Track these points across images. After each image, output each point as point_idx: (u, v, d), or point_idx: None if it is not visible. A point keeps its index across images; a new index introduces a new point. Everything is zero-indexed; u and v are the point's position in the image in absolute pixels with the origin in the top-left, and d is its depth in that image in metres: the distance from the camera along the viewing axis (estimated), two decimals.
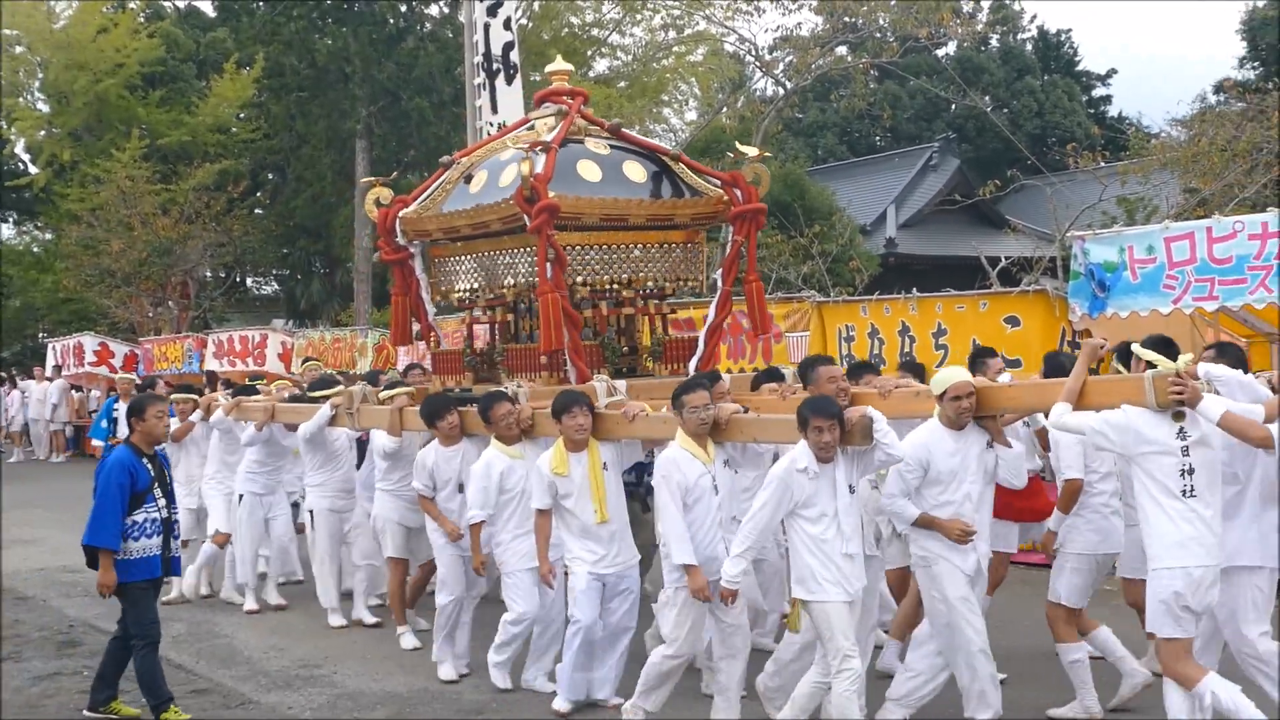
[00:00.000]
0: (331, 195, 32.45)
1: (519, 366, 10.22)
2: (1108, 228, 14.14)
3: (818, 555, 7.00)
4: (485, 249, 10.41)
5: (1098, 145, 26.41)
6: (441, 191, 10.68)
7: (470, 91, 20.57)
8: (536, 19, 30.85)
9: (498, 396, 8.96)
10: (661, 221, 10.30)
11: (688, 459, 7.66)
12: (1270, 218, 10.48)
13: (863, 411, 7.09)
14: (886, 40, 28.74)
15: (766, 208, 10.62)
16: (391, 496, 10.31)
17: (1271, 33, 26.06)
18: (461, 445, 9.52)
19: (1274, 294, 10.36)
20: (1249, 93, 21.54)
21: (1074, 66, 47.19)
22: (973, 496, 7.33)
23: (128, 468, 8.26)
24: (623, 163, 10.35)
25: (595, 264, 10.11)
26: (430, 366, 11.58)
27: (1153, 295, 11.13)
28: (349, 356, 22.01)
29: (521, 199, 9.43)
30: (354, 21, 29.66)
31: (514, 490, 8.79)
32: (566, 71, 11.27)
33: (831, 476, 7.06)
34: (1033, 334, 12.45)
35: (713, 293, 11.11)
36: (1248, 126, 19.21)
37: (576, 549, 8.28)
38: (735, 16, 28.45)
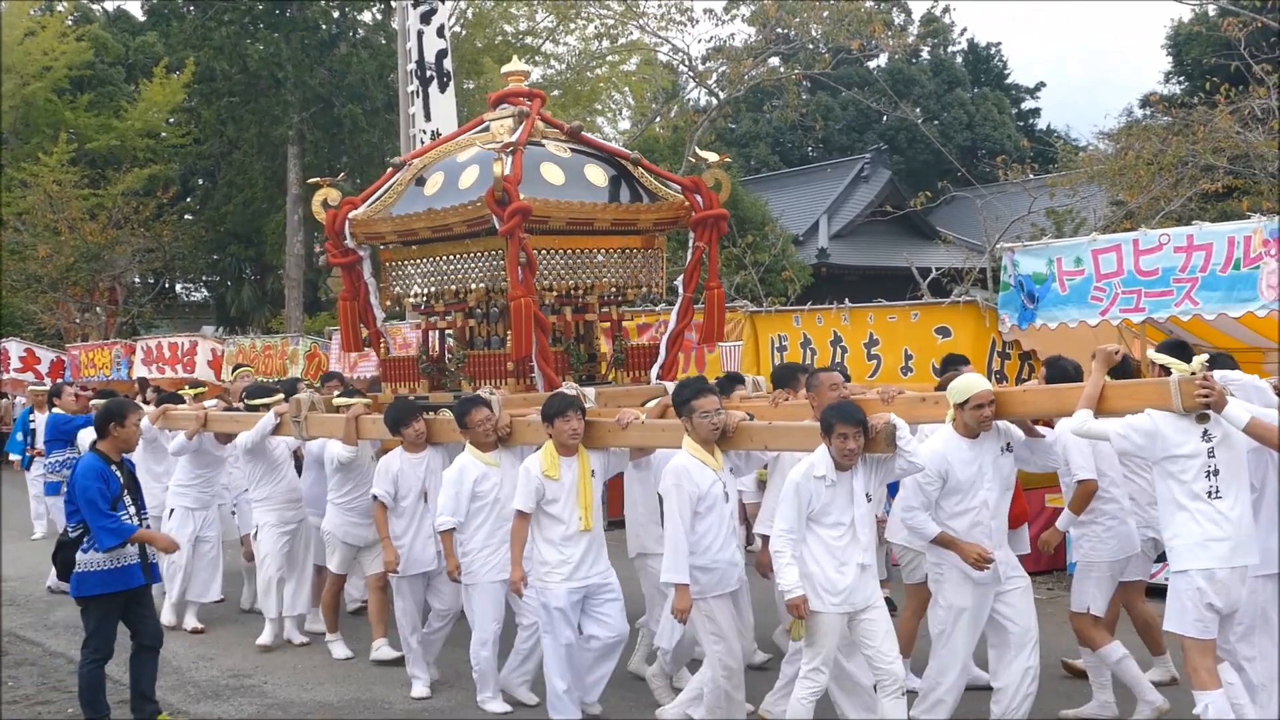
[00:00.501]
0: (263, 201, 32.21)
1: (481, 373, 9.90)
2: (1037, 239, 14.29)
3: (829, 565, 6.90)
4: (444, 252, 10.10)
5: (1027, 158, 26.76)
6: (392, 194, 10.39)
7: (403, 98, 20.50)
8: (470, 26, 30.80)
9: (475, 402, 8.67)
10: (624, 226, 10.15)
11: (698, 466, 7.42)
12: (1195, 231, 10.64)
13: (886, 418, 6.93)
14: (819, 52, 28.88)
15: (729, 214, 10.46)
16: (341, 511, 10.08)
17: (1196, 48, 26.46)
18: (426, 453, 9.30)
19: (1199, 306, 10.51)
20: (1174, 107, 21.83)
21: (1003, 79, 47.76)
22: (990, 503, 7.27)
23: (99, 473, 8.08)
24: (584, 166, 10.14)
25: (560, 269, 9.89)
26: (380, 373, 11.17)
27: (1081, 307, 11.26)
28: (280, 364, 21.82)
29: (493, 200, 9.16)
30: (286, 27, 29.46)
31: (487, 498, 8.51)
32: (524, 73, 10.99)
33: (849, 485, 6.95)
34: (963, 344, 12.54)
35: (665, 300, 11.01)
36: (1173, 140, 19.46)
37: (554, 559, 7.93)
38: (669, 26, 28.46)
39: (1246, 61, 18.63)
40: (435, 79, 19.76)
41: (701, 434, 7.46)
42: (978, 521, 7.25)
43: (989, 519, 7.28)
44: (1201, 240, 10.50)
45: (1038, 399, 7.43)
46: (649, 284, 10.46)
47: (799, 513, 6.93)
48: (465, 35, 30.10)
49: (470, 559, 8.52)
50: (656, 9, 29.10)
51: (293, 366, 21.64)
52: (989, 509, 7.27)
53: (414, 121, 19.98)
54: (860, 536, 6.95)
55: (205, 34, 30.16)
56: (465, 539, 8.52)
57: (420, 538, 9.21)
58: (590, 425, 8.17)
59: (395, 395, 10.30)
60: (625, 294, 10.50)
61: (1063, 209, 21.42)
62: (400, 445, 9.31)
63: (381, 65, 28.40)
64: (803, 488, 6.91)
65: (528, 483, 7.96)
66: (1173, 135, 19.71)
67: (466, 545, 8.53)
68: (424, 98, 19.74)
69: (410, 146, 20.10)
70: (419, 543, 9.21)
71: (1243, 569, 6.63)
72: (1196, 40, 26.42)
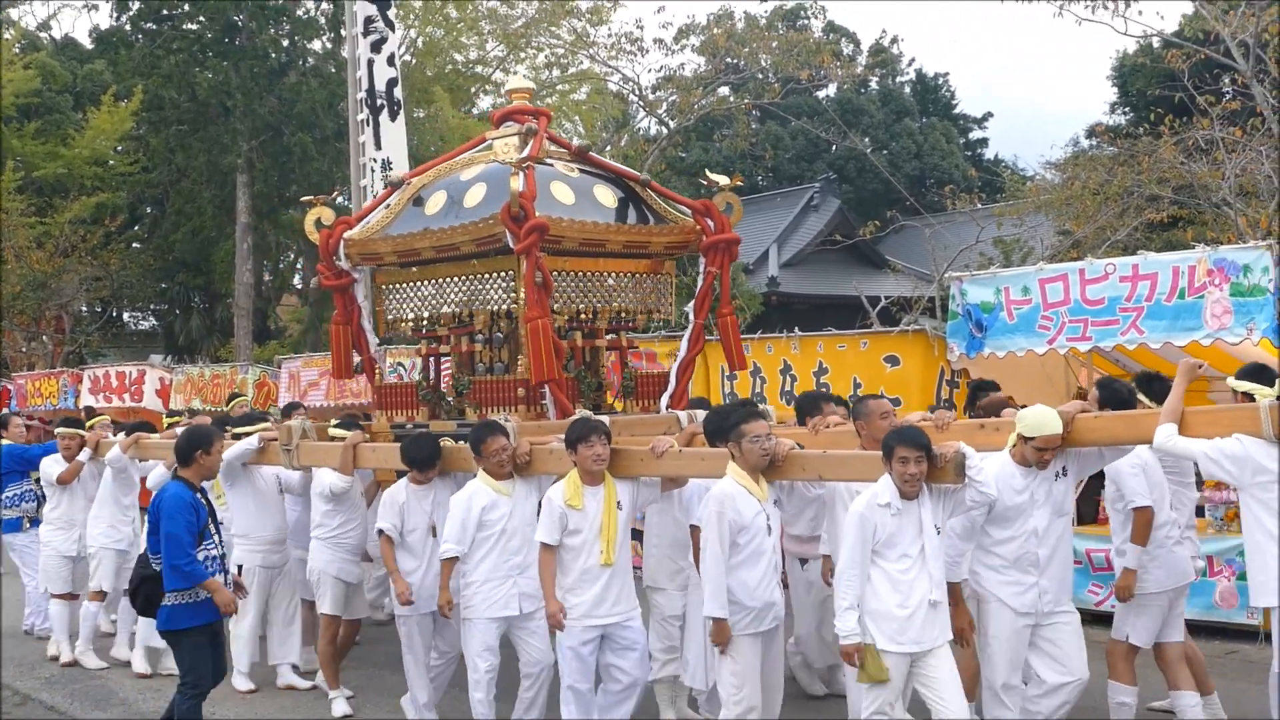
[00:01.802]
0: (212, 229, 32.00)
1: (489, 400, 9.39)
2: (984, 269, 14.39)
3: (892, 600, 6.55)
4: (448, 274, 9.64)
5: (975, 187, 26.95)
6: (388, 214, 9.95)
7: (353, 127, 20.43)
8: (420, 55, 30.77)
9: (492, 429, 8.17)
10: (635, 249, 9.79)
11: (743, 494, 7.08)
12: (1140, 261, 10.76)
13: (955, 447, 6.60)
14: (768, 81, 29.08)
15: (740, 238, 10.13)
16: (329, 546, 9.54)
17: (1141, 79, 26.79)
18: (434, 484, 8.73)
19: (1144, 335, 10.61)
20: (1120, 138, 22.09)
21: (951, 109, 48.17)
22: (1039, 531, 7.01)
23: (189, 504, 7.79)
24: (593, 186, 9.78)
25: (570, 291, 9.47)
26: (374, 400, 10.56)
27: (1028, 336, 11.35)
28: (228, 393, 21.65)
29: (508, 217, 8.74)
30: (235, 55, 29.34)
31: (495, 528, 7.99)
32: (528, 90, 10.64)
33: (916, 515, 6.60)
34: (912, 373, 12.61)
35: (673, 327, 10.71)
36: (1119, 170, 19.70)
37: (569, 600, 7.49)
38: (619, 56, 28.62)
39: (1190, 93, 18.89)
40: (386, 107, 19.73)
41: (752, 460, 7.12)
42: (1025, 550, 7.03)
43: (1036, 547, 7.03)
44: (1146, 270, 10.62)
45: (1111, 425, 7.11)
46: (659, 309, 10.12)
47: (864, 546, 6.59)
48: (415, 64, 30.07)
49: (471, 591, 8.03)
50: (607, 39, 29.30)
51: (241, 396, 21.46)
52: (1038, 537, 7.03)
53: (364, 150, 19.93)
54: (933, 571, 6.59)
55: (154, 62, 29.98)
56: (468, 570, 8.04)
57: (430, 574, 8.58)
58: (621, 454, 7.79)
59: (391, 424, 9.89)
60: (634, 319, 10.16)
61: (1010, 238, 21.63)
62: (407, 476, 8.79)
63: (331, 94, 28.32)
64: (867, 518, 6.58)
65: (550, 513, 7.55)
66: (1118, 165, 19.96)
67: (469, 577, 8.03)
68: (374, 126, 19.70)
69: (360, 175, 20.06)
70: (429, 579, 8.57)
71: None
72: (1141, 72, 26.75)
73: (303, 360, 21.12)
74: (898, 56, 46.29)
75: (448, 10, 30.53)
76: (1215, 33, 18.02)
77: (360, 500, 9.69)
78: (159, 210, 35.12)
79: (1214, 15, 17.91)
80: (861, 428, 7.66)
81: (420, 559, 8.65)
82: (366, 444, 9.42)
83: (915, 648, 6.57)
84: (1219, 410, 6.93)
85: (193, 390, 22.34)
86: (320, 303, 30.81)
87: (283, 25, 30.33)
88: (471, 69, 32.53)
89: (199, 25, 30.34)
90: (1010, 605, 7.04)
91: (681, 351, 10.23)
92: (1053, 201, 21.23)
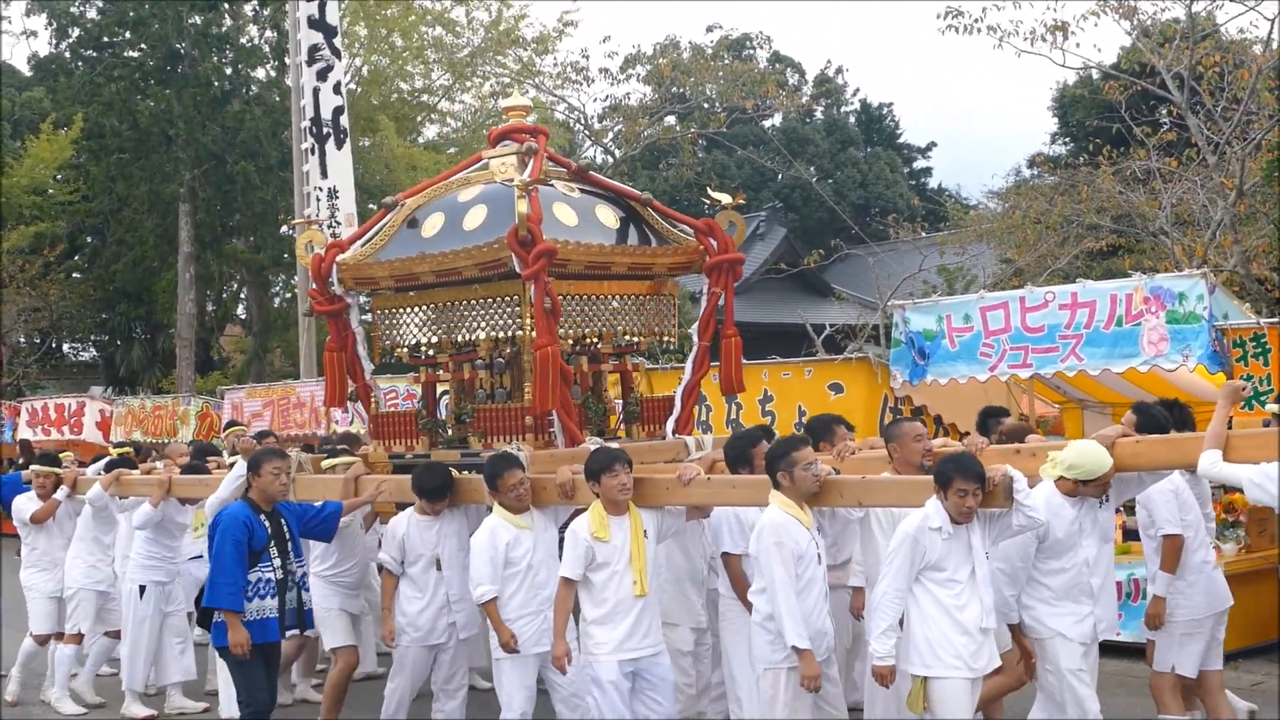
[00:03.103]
0: (154, 259, 31.71)
1: (493, 429, 9.03)
2: (927, 297, 14.51)
3: (945, 625, 6.46)
4: (449, 298, 9.25)
5: (918, 216, 27.17)
6: (382, 237, 9.53)
7: (297, 155, 20.41)
8: (365, 84, 30.72)
9: (510, 462, 7.90)
10: (640, 271, 9.46)
11: (795, 524, 6.88)
12: (1079, 288, 10.88)
13: (1004, 471, 6.47)
14: (714, 111, 29.31)
15: (744, 258, 9.88)
16: (328, 583, 9.21)
17: (1080, 110, 27.12)
18: (442, 516, 8.46)
19: (1084, 362, 10.73)
20: (1060, 168, 22.38)
21: (895, 139, 48.55)
22: (1090, 560, 6.91)
23: (244, 523, 7.78)
24: (594, 207, 9.43)
25: (576, 316, 9.10)
26: (369, 430, 10.14)
27: (970, 363, 11.45)
28: (170, 425, 21.48)
29: (515, 241, 8.42)
30: (177, 83, 29.15)
31: (520, 564, 7.75)
32: (525, 108, 10.29)
33: (966, 539, 6.49)
34: (856, 400, 12.67)
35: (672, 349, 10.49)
36: (1059, 200, 19.96)
37: (601, 634, 7.27)
38: (565, 85, 28.77)
39: (1127, 124, 19.17)
40: (332, 136, 19.73)
41: (805, 488, 6.93)
42: (1077, 580, 6.92)
43: (1089, 577, 6.93)
44: (1085, 298, 10.75)
45: (1154, 450, 6.98)
46: (662, 332, 9.76)
47: (911, 569, 6.50)
48: (361, 92, 30.01)
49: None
50: (553, 68, 29.41)
51: (183, 427, 21.31)
52: (1089, 566, 6.92)
53: (309, 179, 19.90)
54: (984, 597, 6.51)
55: (94, 90, 29.74)
56: (499, 606, 7.76)
57: (432, 609, 8.38)
58: (646, 482, 7.61)
59: (390, 454, 9.52)
60: (638, 342, 9.85)
61: (953, 266, 21.82)
62: (411, 507, 8.54)
63: (275, 122, 28.18)
64: (919, 541, 6.47)
65: (575, 546, 7.32)
66: (1058, 195, 20.23)
67: (500, 615, 7.75)
68: (320, 155, 19.69)
69: (305, 204, 20.00)
70: (429, 614, 8.38)
71: None
72: (1080, 103, 27.09)
73: (246, 391, 21.00)
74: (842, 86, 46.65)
75: (393, 39, 30.52)
76: (1151, 65, 18.29)
77: (359, 534, 9.39)
78: (99, 240, 34.78)
79: (1150, 48, 18.19)
80: (895, 450, 7.49)
81: (424, 592, 8.41)
82: (370, 476, 9.07)
83: (972, 673, 6.51)
84: (1268, 433, 6.81)
85: (134, 422, 22.18)
86: (264, 333, 30.62)
87: (226, 53, 30.17)
88: (417, 98, 32.51)
89: (140, 53, 30.18)
90: (1070, 637, 6.92)
91: (686, 375, 9.93)
92: (994, 230, 21.47)
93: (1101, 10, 17.94)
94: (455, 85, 32.07)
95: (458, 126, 33.38)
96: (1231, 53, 18.19)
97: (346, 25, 27.66)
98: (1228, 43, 18.68)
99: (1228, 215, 16.67)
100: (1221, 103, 17.74)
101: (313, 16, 19.93)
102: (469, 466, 8.65)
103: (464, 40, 30.85)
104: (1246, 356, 10.11)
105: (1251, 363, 10.08)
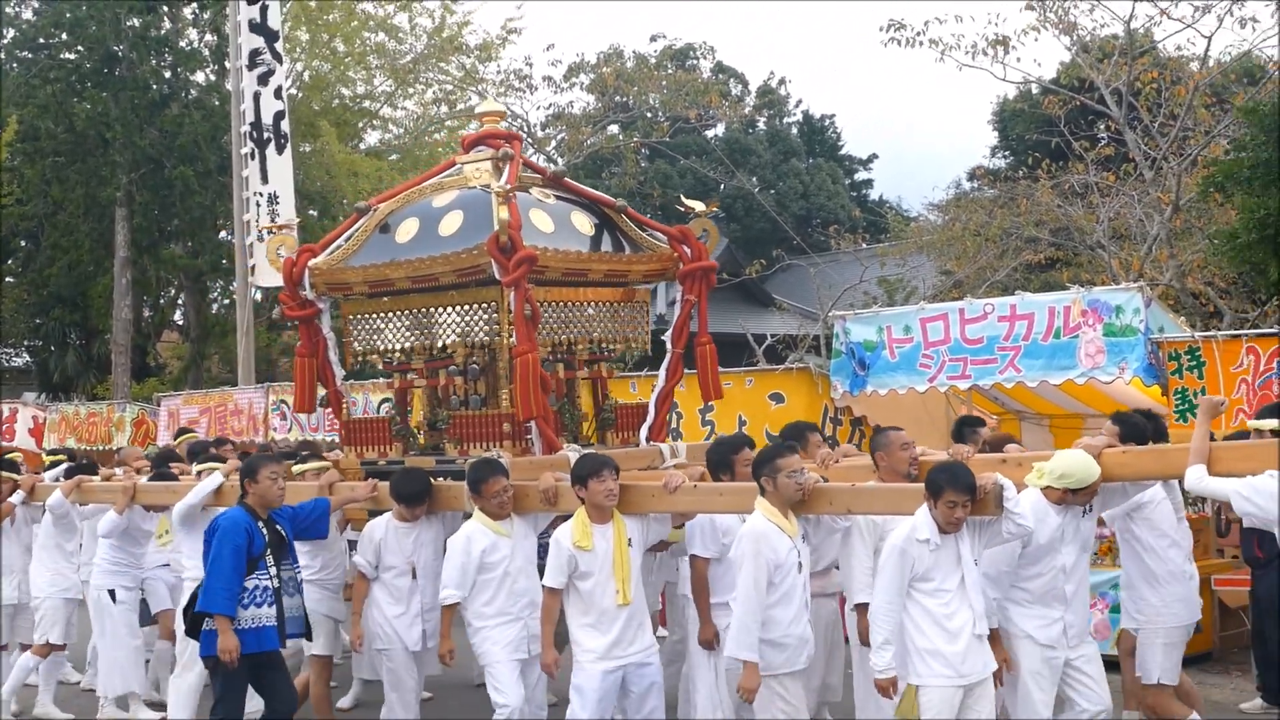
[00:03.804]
0: (89, 264, 31.30)
1: (470, 435, 9.05)
2: (868, 307, 14.56)
3: (935, 634, 6.56)
4: (424, 304, 9.25)
5: (859, 227, 27.32)
6: (354, 242, 9.53)
7: (237, 160, 20.23)
8: (306, 89, 30.47)
9: (494, 468, 7.98)
10: (615, 278, 9.55)
11: (776, 533, 6.97)
12: (1018, 301, 10.96)
13: (994, 479, 6.53)
14: (657, 120, 29.30)
15: (718, 265, 9.94)
16: (316, 588, 9.08)
17: (1020, 124, 27.36)
18: (420, 523, 8.51)
19: (1022, 374, 10.80)
20: (999, 180, 22.59)
21: (837, 151, 48.70)
22: (1066, 567, 7.02)
23: (244, 528, 7.69)
24: (570, 213, 9.51)
25: (553, 322, 9.12)
26: (340, 437, 10.11)
27: (910, 374, 11.51)
28: (104, 431, 21.20)
29: (495, 248, 8.45)
30: (115, 86, 28.80)
31: (497, 570, 7.83)
32: (500, 113, 10.36)
33: (955, 548, 6.58)
34: (796, 411, 12.68)
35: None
36: (999, 213, 20.13)
37: (587, 640, 7.38)
38: (508, 93, 28.64)
39: (1066, 138, 19.35)
40: (272, 141, 19.56)
41: (786, 496, 7.01)
42: (1052, 586, 7.03)
43: (1064, 583, 7.04)
44: (1024, 310, 10.83)
45: (1141, 461, 7.16)
46: (634, 339, 9.80)
47: (901, 581, 6.57)
48: (301, 98, 29.77)
49: (485, 635, 7.88)
50: (496, 75, 29.32)
51: (118, 434, 21.06)
52: (1065, 573, 7.03)
53: (248, 184, 19.72)
54: (975, 604, 6.61)
55: (30, 91, 29.32)
56: (481, 614, 7.88)
57: (409, 615, 8.44)
58: (631, 489, 7.67)
59: (362, 460, 9.51)
60: (613, 349, 9.87)
61: (893, 278, 21.94)
62: (389, 513, 8.56)
63: (215, 127, 27.89)
64: (907, 553, 6.55)
65: (558, 555, 7.41)
66: (998, 208, 20.41)
67: (482, 621, 7.87)
68: (260, 160, 19.52)
69: (244, 210, 19.83)
70: (405, 619, 8.44)
71: None
72: (1020, 117, 27.31)
73: (183, 398, 20.78)
74: (785, 98, 46.74)
75: (335, 44, 30.28)
76: (1090, 81, 18.47)
77: (337, 535, 9.31)
78: (34, 244, 34.28)
79: (1089, 64, 18.37)
80: (881, 459, 7.54)
81: (400, 600, 8.45)
82: (345, 483, 9.10)
83: (964, 681, 6.59)
84: (1253, 445, 7.03)
85: (68, 429, 21.89)
86: (201, 339, 30.32)
87: (165, 56, 29.82)
88: (359, 103, 32.28)
89: (77, 55, 29.77)
90: (1037, 639, 7.03)
91: (660, 382, 9.96)
92: (935, 242, 21.64)
93: (1042, 26, 18.09)
94: (398, 91, 31.88)
95: (400, 133, 33.20)
96: (1169, 69, 18.41)
97: (288, 30, 27.44)
98: (1165, 59, 18.90)
99: (1164, 230, 16.86)
100: (1159, 118, 17.94)
101: (254, 20, 19.76)
102: (445, 473, 8.71)
103: (407, 46, 30.65)
104: (1181, 369, 10.22)
105: (1186, 375, 10.19)
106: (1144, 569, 7.94)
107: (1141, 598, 7.94)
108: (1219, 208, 16.60)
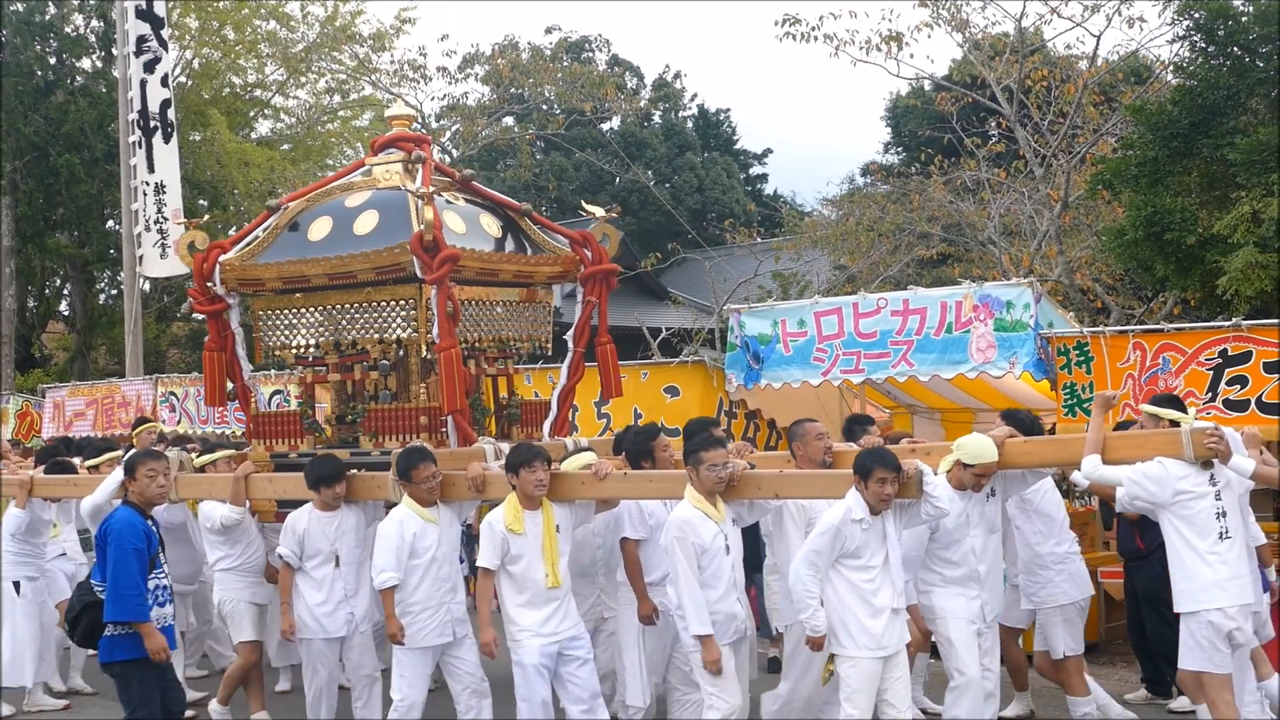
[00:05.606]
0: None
1: (384, 428, 9.29)
2: (763, 301, 14.63)
3: (858, 608, 7.05)
4: (339, 301, 9.44)
5: (754, 222, 27.41)
6: (263, 239, 9.68)
7: (124, 148, 19.89)
8: (196, 77, 29.97)
9: (424, 455, 8.17)
10: (522, 278, 9.90)
11: (701, 519, 7.39)
12: (910, 295, 11.05)
13: (915, 464, 7.14)
14: (552, 113, 29.19)
15: (619, 268, 10.35)
16: (236, 575, 9.28)
17: (913, 120, 27.65)
18: (340, 512, 8.63)
19: (914, 368, 10.90)
20: (892, 176, 22.79)
21: (733, 145, 48.89)
22: (976, 550, 7.60)
23: (140, 530, 7.46)
24: (478, 215, 9.81)
25: (468, 320, 9.38)
26: (251, 429, 10.17)
27: (804, 367, 11.57)
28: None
29: (419, 247, 8.72)
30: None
31: (425, 556, 8.02)
32: (410, 116, 10.53)
33: (882, 528, 7.10)
34: (691, 403, 12.74)
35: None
36: (891, 208, 20.31)
37: (522, 619, 7.72)
38: (402, 83, 28.32)
39: (959, 135, 19.58)
40: (159, 129, 19.27)
41: (707, 486, 7.44)
42: (967, 568, 7.61)
43: (976, 564, 7.61)
44: (916, 305, 10.92)
45: (1042, 449, 7.74)
46: (537, 338, 10.17)
47: (831, 554, 7.05)
48: (191, 86, 29.28)
49: (409, 621, 7.99)
50: (390, 65, 29.01)
51: (3, 426, 20.59)
52: (976, 555, 7.60)
53: (135, 173, 19.39)
54: (896, 580, 7.15)
55: None
56: (404, 599, 8.00)
57: (331, 602, 8.55)
58: (562, 477, 8.00)
59: (272, 453, 9.64)
60: (519, 347, 10.16)
61: (788, 272, 22.03)
62: (309, 504, 8.66)
63: (101, 114, 27.30)
64: (841, 531, 7.01)
65: (491, 538, 7.73)
66: (891, 203, 20.59)
67: (405, 606, 8.00)
68: (147, 148, 19.22)
69: (131, 198, 19.49)
70: (328, 607, 8.55)
71: (1248, 605, 7.09)
72: (913, 113, 27.59)
73: (69, 389, 20.35)
74: (681, 91, 46.80)
75: (225, 32, 29.80)
76: (982, 78, 18.69)
77: (253, 523, 9.38)
78: None
79: (981, 61, 18.57)
80: (798, 449, 8.04)
81: (323, 588, 8.58)
82: (261, 474, 9.21)
83: (883, 652, 7.08)
84: (1146, 434, 7.45)
85: None
86: (88, 330, 29.71)
87: (50, 42, 29.14)
88: (250, 92, 31.82)
89: None
90: (960, 616, 7.60)
91: (562, 379, 10.40)
92: (829, 237, 21.75)
93: (935, 22, 18.24)
94: (289, 81, 31.47)
95: (292, 123, 32.78)
96: (1059, 68, 18.68)
97: (176, 17, 26.97)
98: (1055, 58, 19.16)
99: (1053, 226, 17.12)
100: (1049, 116, 18.20)
101: (140, 7, 19.43)
102: (359, 465, 8.89)
103: (299, 35, 30.24)
104: (1070, 364, 10.38)
105: (1075, 370, 10.36)
106: (1034, 554, 8.46)
107: (1035, 580, 8.47)
108: (1107, 205, 16.92)
